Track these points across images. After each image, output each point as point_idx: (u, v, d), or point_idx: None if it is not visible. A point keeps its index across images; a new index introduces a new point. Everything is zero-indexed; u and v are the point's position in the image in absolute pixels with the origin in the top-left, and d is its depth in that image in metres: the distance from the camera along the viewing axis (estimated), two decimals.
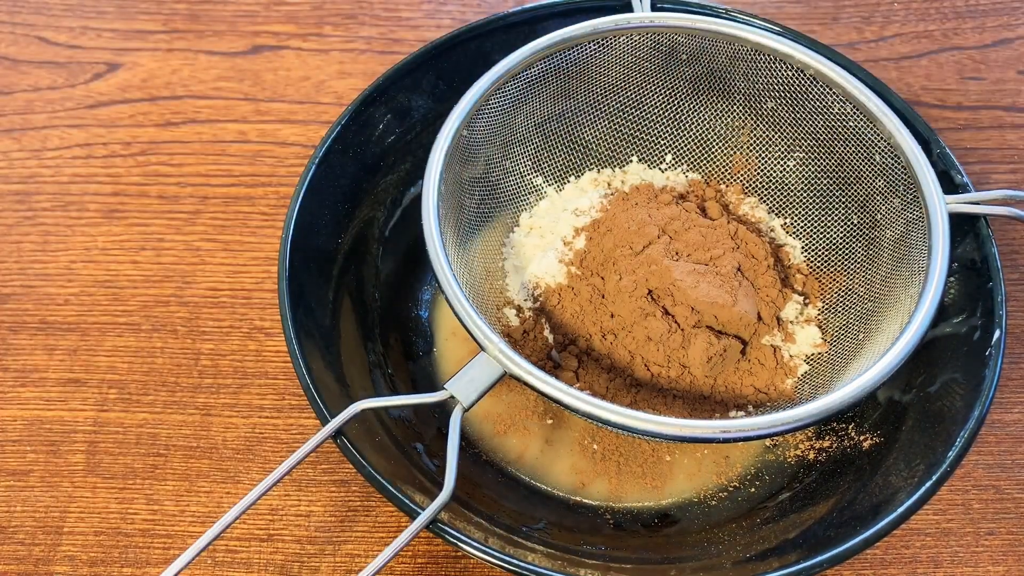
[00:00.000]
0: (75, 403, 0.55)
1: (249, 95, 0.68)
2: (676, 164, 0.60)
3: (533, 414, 0.53)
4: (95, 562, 0.50)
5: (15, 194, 0.63)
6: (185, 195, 0.63)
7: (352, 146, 0.54)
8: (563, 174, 0.60)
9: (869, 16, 0.72)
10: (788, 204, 0.58)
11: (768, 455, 0.52)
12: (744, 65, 0.55)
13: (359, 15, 0.72)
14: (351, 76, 0.69)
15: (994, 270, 0.49)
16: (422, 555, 0.50)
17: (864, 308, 0.52)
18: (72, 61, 0.69)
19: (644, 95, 0.58)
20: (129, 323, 0.58)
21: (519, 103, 0.55)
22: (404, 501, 0.43)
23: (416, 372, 0.55)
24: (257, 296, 0.59)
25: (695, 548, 0.47)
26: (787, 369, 0.52)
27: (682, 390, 0.51)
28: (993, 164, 0.65)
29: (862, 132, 0.52)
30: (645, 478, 0.51)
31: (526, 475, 0.52)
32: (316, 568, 0.50)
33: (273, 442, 0.54)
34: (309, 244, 0.51)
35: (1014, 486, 0.53)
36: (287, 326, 0.47)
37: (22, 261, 0.60)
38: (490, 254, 0.57)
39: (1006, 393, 0.56)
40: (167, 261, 0.60)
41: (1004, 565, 0.50)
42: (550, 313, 0.53)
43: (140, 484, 0.52)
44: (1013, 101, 0.68)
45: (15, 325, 0.58)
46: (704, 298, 0.50)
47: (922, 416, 0.48)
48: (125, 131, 0.66)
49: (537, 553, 0.44)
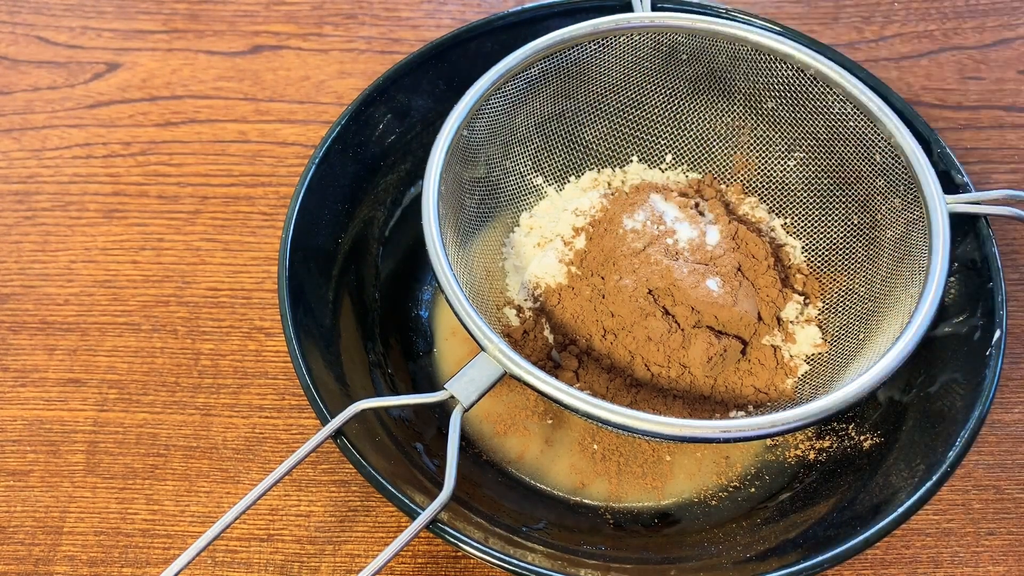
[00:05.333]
0: (75, 403, 0.55)
1: (249, 95, 0.68)
2: (676, 164, 0.60)
3: (533, 414, 0.53)
4: (95, 562, 0.50)
5: (15, 194, 0.63)
6: (185, 195, 0.63)
7: (352, 146, 0.54)
8: (563, 174, 0.60)
9: (869, 16, 0.72)
10: (788, 204, 0.58)
11: (768, 455, 0.52)
12: (744, 65, 0.55)
13: (359, 15, 0.72)
14: (351, 76, 0.69)
15: (994, 270, 0.49)
16: (422, 555, 0.50)
17: (864, 308, 0.52)
18: (72, 61, 0.69)
19: (644, 95, 0.58)
20: (129, 323, 0.58)
21: (519, 103, 0.55)
22: (404, 501, 0.43)
23: (416, 372, 0.55)
24: (257, 296, 0.59)
25: (695, 548, 0.47)
26: (787, 369, 0.52)
27: (682, 390, 0.51)
28: (993, 164, 0.65)
29: (862, 132, 0.52)
30: (645, 478, 0.51)
31: (526, 475, 0.52)
32: (316, 568, 0.50)
33: (273, 442, 0.54)
34: (309, 244, 0.51)
35: (1014, 486, 0.53)
36: (287, 326, 0.47)
37: (22, 261, 0.60)
38: (490, 254, 0.57)
39: (1006, 393, 0.56)
40: (167, 261, 0.60)
41: (1004, 565, 0.50)
42: (550, 313, 0.53)
43: (140, 484, 0.52)
44: (1013, 101, 0.68)
45: (15, 325, 0.58)
46: (704, 298, 0.50)
47: (922, 416, 0.48)
48: (125, 131, 0.66)
49: (537, 553, 0.44)
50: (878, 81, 0.56)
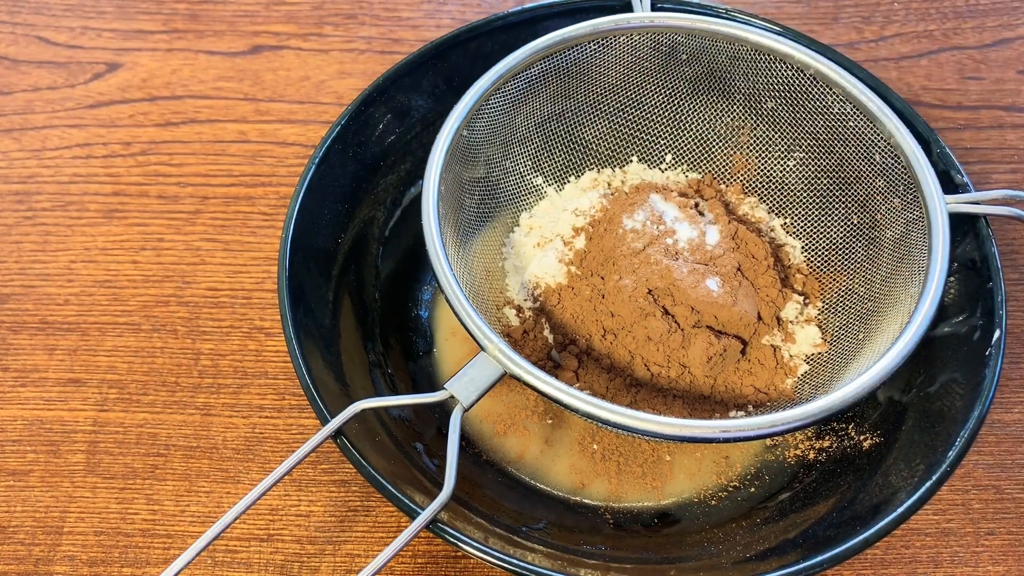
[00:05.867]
0: (75, 403, 0.55)
1: (249, 95, 0.68)
2: (676, 164, 0.60)
3: (533, 414, 0.53)
4: (95, 562, 0.50)
5: (15, 194, 0.63)
6: (185, 195, 0.63)
7: (352, 146, 0.54)
8: (563, 174, 0.60)
9: (869, 16, 0.72)
10: (788, 204, 0.58)
11: (768, 455, 0.52)
12: (744, 65, 0.55)
13: (359, 15, 0.72)
14: (351, 76, 0.69)
15: (994, 270, 0.49)
16: (422, 555, 0.50)
17: (864, 308, 0.52)
18: (72, 61, 0.69)
19: (644, 95, 0.58)
20: (129, 323, 0.58)
21: (519, 103, 0.55)
22: (404, 501, 0.43)
23: (416, 372, 0.55)
24: (257, 296, 0.59)
25: (695, 548, 0.47)
26: (787, 369, 0.52)
27: (682, 390, 0.51)
28: (993, 164, 0.65)
29: (862, 132, 0.52)
30: (645, 478, 0.51)
31: (526, 475, 0.52)
32: (316, 568, 0.50)
33: (273, 442, 0.54)
34: (309, 244, 0.51)
35: (1014, 486, 0.53)
36: (287, 326, 0.47)
37: (22, 261, 0.60)
38: (490, 254, 0.57)
39: (1006, 393, 0.56)
40: (167, 261, 0.60)
41: (1004, 565, 0.50)
42: (550, 313, 0.53)
43: (140, 484, 0.52)
44: (1013, 101, 0.68)
45: (15, 325, 0.58)
46: (704, 298, 0.50)
47: (922, 416, 0.48)
48: (125, 131, 0.66)
49: (537, 553, 0.44)
50: (878, 81, 0.56)
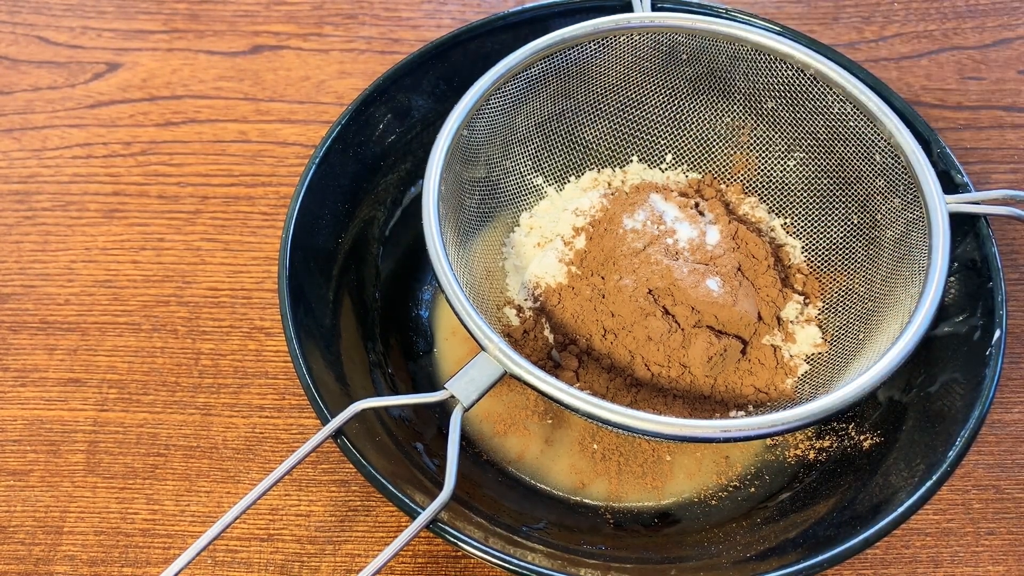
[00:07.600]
0: (75, 403, 0.55)
1: (249, 95, 0.68)
2: (676, 164, 0.60)
3: (533, 414, 0.53)
4: (95, 562, 0.50)
5: (15, 194, 0.63)
6: (185, 195, 0.63)
7: (352, 146, 0.54)
8: (563, 174, 0.60)
9: (869, 16, 0.72)
10: (788, 204, 0.58)
11: (768, 455, 0.52)
12: (744, 65, 0.55)
13: (359, 15, 0.72)
14: (351, 76, 0.69)
15: (994, 270, 0.49)
16: (422, 555, 0.50)
17: (864, 308, 0.52)
18: (72, 61, 0.69)
19: (644, 95, 0.58)
20: (129, 323, 0.58)
21: (519, 103, 0.55)
22: (404, 501, 0.43)
23: (416, 372, 0.55)
24: (257, 296, 0.59)
25: (695, 548, 0.47)
26: (787, 369, 0.52)
27: (682, 390, 0.51)
28: (993, 164, 0.65)
29: (862, 132, 0.52)
30: (645, 478, 0.51)
31: (526, 475, 0.52)
32: (316, 568, 0.50)
33: (273, 442, 0.54)
34: (309, 244, 0.51)
35: (1014, 486, 0.53)
36: (287, 326, 0.47)
37: (22, 261, 0.60)
38: (490, 254, 0.57)
39: (1006, 393, 0.56)
40: (167, 261, 0.60)
41: (1004, 565, 0.50)
42: (550, 313, 0.53)
43: (140, 484, 0.52)
44: (1013, 101, 0.68)
45: (15, 325, 0.58)
46: (704, 298, 0.50)
47: (922, 416, 0.48)
48: (125, 131, 0.66)
49: (537, 553, 0.44)
50: (878, 81, 0.56)
